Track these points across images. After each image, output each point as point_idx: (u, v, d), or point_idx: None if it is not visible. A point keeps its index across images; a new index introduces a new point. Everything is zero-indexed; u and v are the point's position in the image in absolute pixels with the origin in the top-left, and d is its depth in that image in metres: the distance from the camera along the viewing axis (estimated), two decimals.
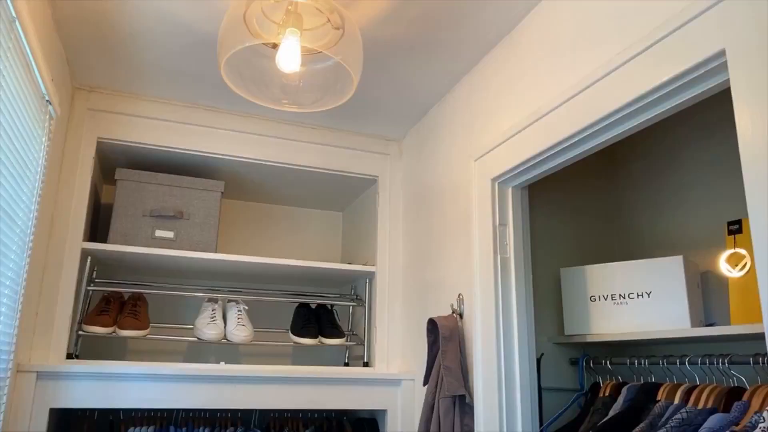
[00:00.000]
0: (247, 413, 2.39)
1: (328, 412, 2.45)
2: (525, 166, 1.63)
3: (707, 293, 1.83)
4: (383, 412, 2.17)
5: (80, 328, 2.02)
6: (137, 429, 2.03)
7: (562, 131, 1.46)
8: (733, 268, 1.55)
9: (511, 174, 1.70)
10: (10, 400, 1.69)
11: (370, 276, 2.42)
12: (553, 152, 1.53)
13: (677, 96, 1.23)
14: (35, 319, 1.87)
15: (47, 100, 1.60)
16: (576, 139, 1.45)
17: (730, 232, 1.57)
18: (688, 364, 1.57)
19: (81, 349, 2.08)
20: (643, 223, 2.19)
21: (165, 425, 2.09)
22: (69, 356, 1.93)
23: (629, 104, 1.28)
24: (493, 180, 1.76)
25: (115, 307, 2.15)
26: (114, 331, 2.07)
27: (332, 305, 2.55)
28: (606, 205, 2.35)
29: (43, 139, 1.65)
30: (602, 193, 2.36)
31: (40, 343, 1.87)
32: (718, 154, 1.92)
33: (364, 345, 2.38)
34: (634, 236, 2.23)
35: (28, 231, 1.62)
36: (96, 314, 2.08)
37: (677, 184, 2.06)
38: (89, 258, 2.10)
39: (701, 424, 1.36)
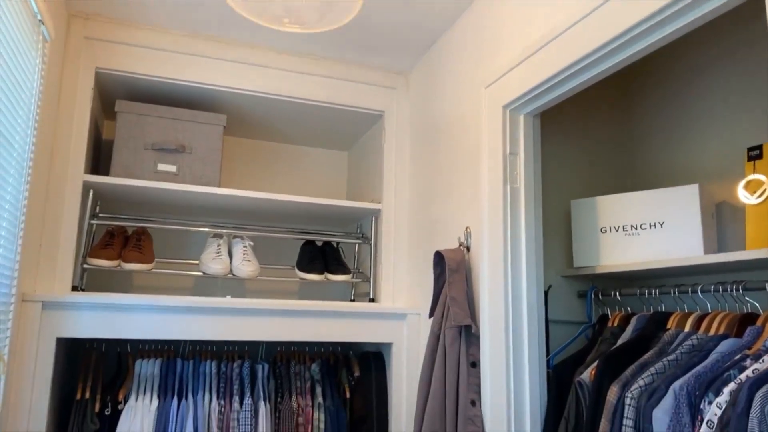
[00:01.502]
0: (254, 347, 2.41)
1: (335, 346, 2.47)
2: (538, 90, 1.57)
3: (722, 224, 1.79)
4: (389, 345, 2.18)
5: (84, 261, 2.01)
6: (144, 360, 2.04)
7: (578, 51, 1.39)
8: (751, 195, 1.50)
9: (524, 100, 1.63)
10: (16, 327, 1.70)
11: (376, 213, 2.39)
12: (567, 74, 1.46)
13: (700, 8, 1.16)
14: (39, 251, 1.85)
15: (39, 20, 1.53)
16: (592, 58, 1.38)
17: (750, 158, 1.52)
18: (701, 292, 1.54)
19: (86, 284, 2.08)
20: (656, 153, 2.13)
21: (172, 358, 2.10)
22: (74, 289, 1.93)
23: (650, 17, 1.20)
24: (505, 107, 1.70)
25: (119, 241, 2.13)
26: (119, 265, 2.05)
27: (338, 243, 2.53)
28: (619, 135, 2.28)
29: (37, 62, 1.59)
30: (615, 122, 2.29)
31: (45, 275, 1.86)
32: (735, 81, 1.84)
33: (369, 282, 2.37)
34: (647, 167, 2.17)
35: (26, 156, 1.58)
36: (100, 248, 2.06)
37: (692, 112, 1.99)
38: (91, 191, 2.07)
39: (712, 350, 1.34)
